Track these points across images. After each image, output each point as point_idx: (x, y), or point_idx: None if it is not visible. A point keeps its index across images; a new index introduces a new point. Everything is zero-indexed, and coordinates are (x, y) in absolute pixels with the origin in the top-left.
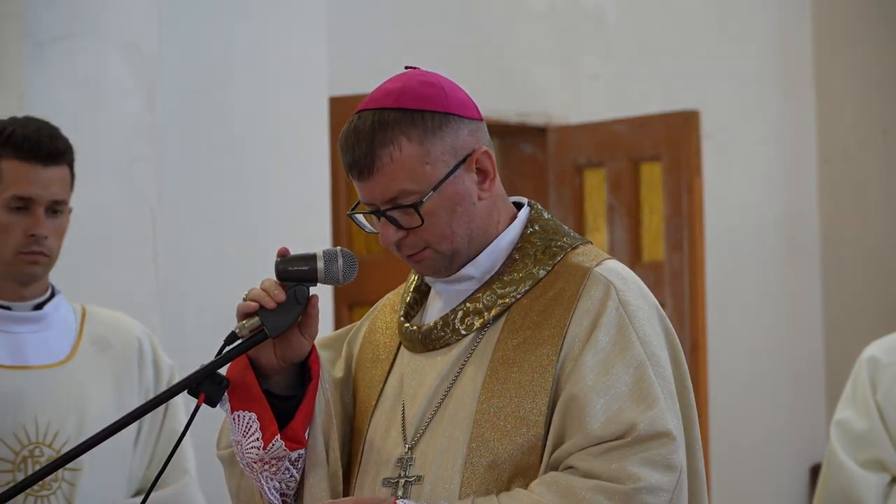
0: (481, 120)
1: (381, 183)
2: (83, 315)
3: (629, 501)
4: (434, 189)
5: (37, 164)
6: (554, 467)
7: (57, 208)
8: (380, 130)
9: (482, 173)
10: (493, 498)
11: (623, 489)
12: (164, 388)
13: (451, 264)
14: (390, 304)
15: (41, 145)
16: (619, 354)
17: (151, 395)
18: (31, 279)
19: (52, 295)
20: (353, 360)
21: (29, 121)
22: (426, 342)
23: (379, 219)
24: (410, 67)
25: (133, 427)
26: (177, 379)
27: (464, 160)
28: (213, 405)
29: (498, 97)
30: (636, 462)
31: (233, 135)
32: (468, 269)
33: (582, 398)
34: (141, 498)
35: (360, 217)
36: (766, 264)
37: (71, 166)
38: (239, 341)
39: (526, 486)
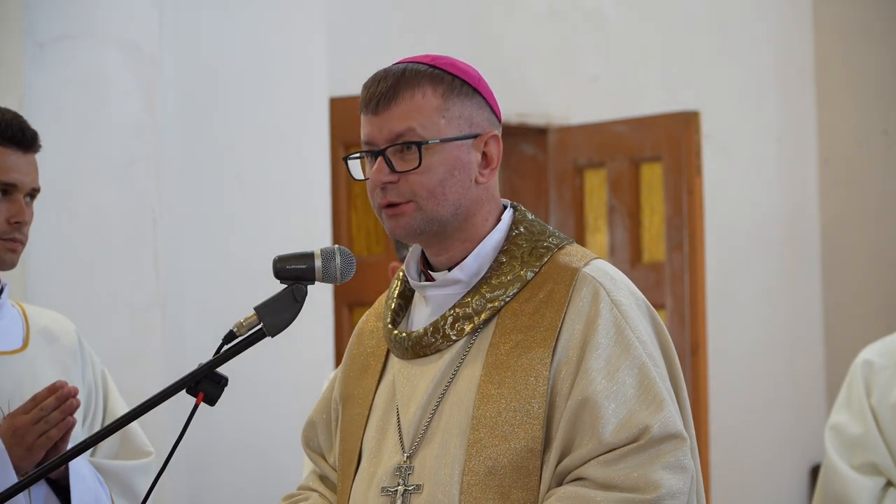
0: (500, 121)
1: (393, 118)
2: (22, 309)
3: None
4: (441, 140)
5: (18, 151)
6: (564, 475)
7: (33, 196)
8: (410, 74)
9: (486, 158)
10: None
11: (646, 499)
12: (100, 384)
13: (426, 229)
14: (374, 312)
15: (24, 131)
16: (620, 356)
17: (93, 390)
18: (8, 266)
19: (2, 286)
20: (339, 390)
21: None
22: (417, 349)
23: (375, 159)
24: None
25: (79, 412)
26: (108, 376)
27: (475, 136)
28: (212, 404)
29: (498, 97)
30: (654, 468)
31: (233, 135)
32: (455, 273)
33: (592, 403)
34: (98, 461)
35: (355, 164)
36: (766, 265)
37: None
38: (237, 340)
39: (526, 492)
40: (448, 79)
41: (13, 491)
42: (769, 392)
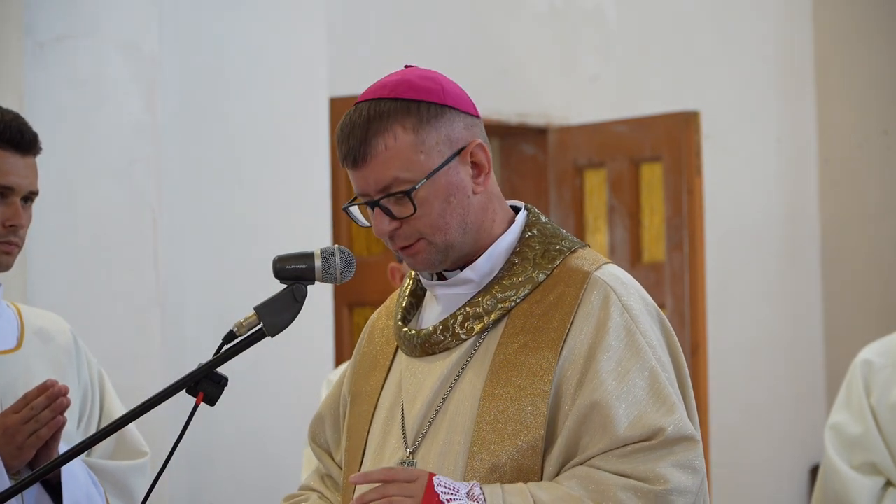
0: (478, 117)
1: (375, 171)
2: (17, 309)
3: (659, 502)
4: (427, 177)
5: (16, 153)
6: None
7: (31, 199)
8: (375, 119)
9: (477, 167)
10: (522, 485)
11: (654, 490)
12: (97, 384)
13: (445, 258)
14: (386, 309)
15: (23, 134)
16: (631, 360)
17: (89, 390)
18: (3, 269)
19: None
20: (348, 386)
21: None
22: (425, 347)
23: (373, 209)
24: (410, 66)
25: (75, 412)
26: (105, 376)
27: (458, 152)
28: (212, 404)
29: (498, 97)
30: (665, 464)
31: (233, 135)
32: (467, 273)
33: (604, 405)
34: (94, 462)
35: (355, 210)
36: (766, 264)
37: (35, 158)
38: (237, 340)
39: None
40: (413, 108)
41: (10, 493)
42: (769, 392)
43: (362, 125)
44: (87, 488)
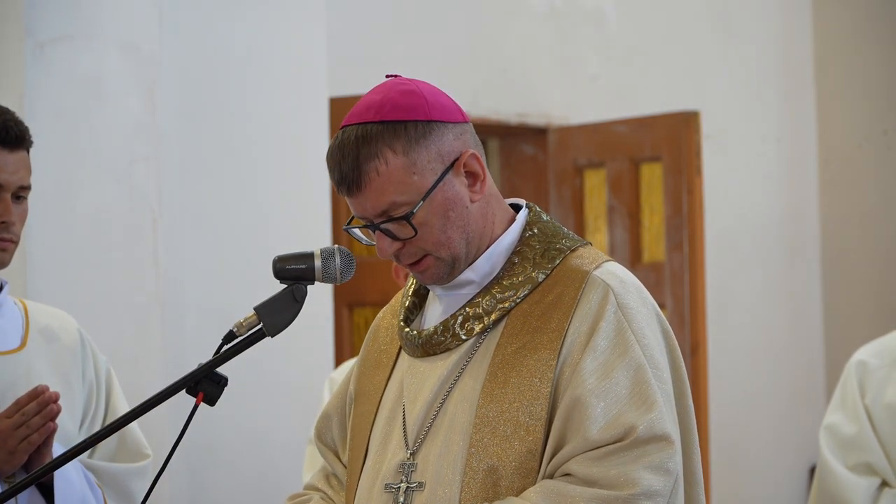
0: (466, 122)
1: (370, 197)
2: (24, 306)
3: None
4: (424, 198)
5: (3, 149)
6: (553, 470)
7: (22, 194)
8: (364, 145)
9: (472, 176)
10: None
11: (621, 496)
12: (103, 383)
13: (452, 270)
14: (391, 308)
15: (8, 129)
16: (617, 358)
17: (94, 389)
18: (0, 266)
19: (2, 284)
20: (354, 384)
21: None
22: (426, 347)
23: (374, 232)
24: (392, 76)
25: (78, 412)
26: (113, 375)
27: (451, 165)
28: (212, 404)
29: (498, 97)
30: (637, 467)
31: (233, 135)
32: (468, 274)
33: (583, 402)
34: (95, 463)
35: (357, 230)
36: (766, 264)
37: (29, 151)
38: (237, 340)
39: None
40: (401, 129)
41: (3, 497)
42: (769, 392)
43: (352, 151)
44: (83, 493)
